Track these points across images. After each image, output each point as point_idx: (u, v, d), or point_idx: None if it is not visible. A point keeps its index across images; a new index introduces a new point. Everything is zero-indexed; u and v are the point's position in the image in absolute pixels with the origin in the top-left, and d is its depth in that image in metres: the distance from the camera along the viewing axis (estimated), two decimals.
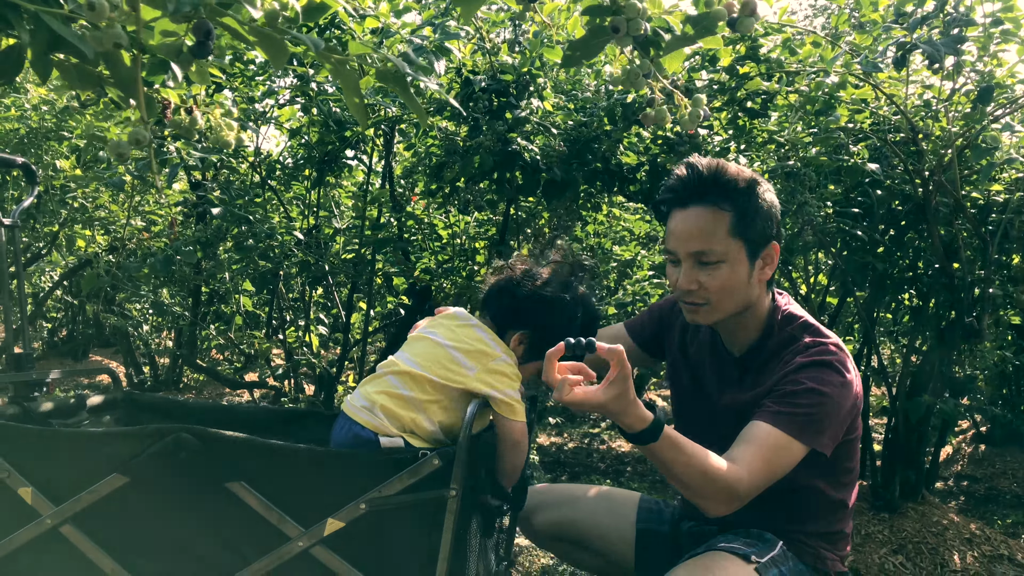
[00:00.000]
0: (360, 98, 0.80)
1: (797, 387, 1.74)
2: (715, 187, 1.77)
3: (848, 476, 1.91)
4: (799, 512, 1.88)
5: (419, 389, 1.72)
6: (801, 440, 1.71)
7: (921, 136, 2.83)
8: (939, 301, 3.34)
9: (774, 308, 1.90)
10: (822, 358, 1.77)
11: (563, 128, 2.92)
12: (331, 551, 1.65)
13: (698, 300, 1.82)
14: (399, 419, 1.72)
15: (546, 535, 2.25)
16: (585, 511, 2.20)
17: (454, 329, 1.78)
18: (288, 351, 3.59)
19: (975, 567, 2.94)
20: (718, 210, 1.77)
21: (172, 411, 2.36)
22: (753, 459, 1.69)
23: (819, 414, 1.72)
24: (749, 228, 1.78)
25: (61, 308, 8.31)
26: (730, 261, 1.78)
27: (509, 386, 1.72)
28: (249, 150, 3.60)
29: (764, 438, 1.71)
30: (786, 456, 1.71)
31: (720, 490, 1.66)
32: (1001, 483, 4.92)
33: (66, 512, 1.75)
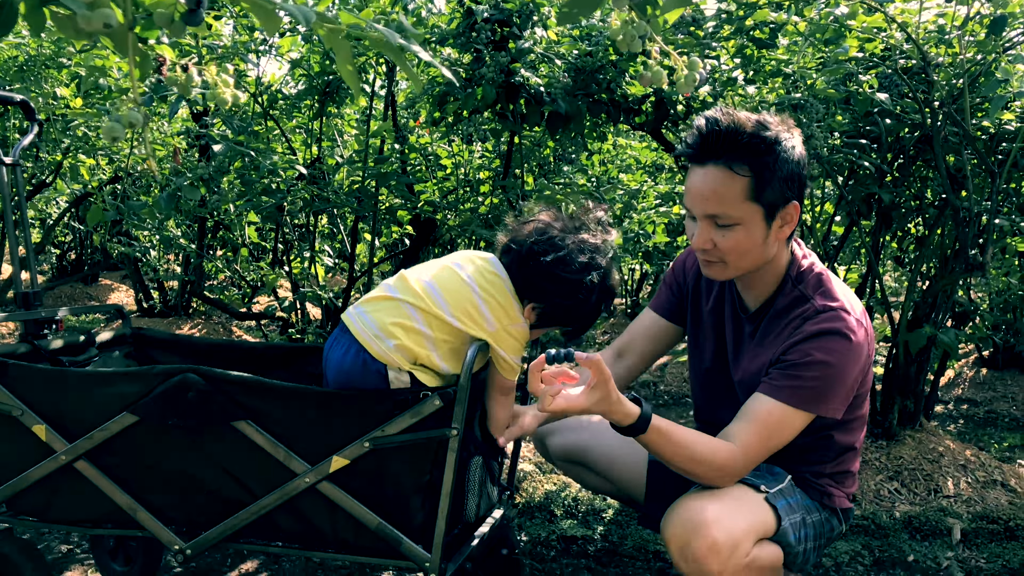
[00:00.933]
0: (353, 66, 0.79)
1: (804, 359, 1.73)
2: (733, 147, 1.69)
3: (857, 422, 1.93)
4: (807, 455, 1.92)
5: (437, 327, 1.73)
6: (806, 410, 1.74)
7: (933, 65, 2.78)
8: (944, 231, 3.33)
9: (791, 262, 1.87)
10: (831, 326, 1.74)
11: (568, 58, 2.87)
12: (337, 487, 1.70)
13: (712, 259, 1.81)
14: (414, 354, 1.73)
15: (559, 457, 2.30)
16: (599, 437, 2.24)
17: (485, 275, 1.77)
18: (294, 282, 3.62)
19: (968, 493, 3.01)
20: (734, 174, 1.69)
21: (179, 347, 2.39)
22: (749, 437, 1.73)
23: (825, 385, 1.73)
24: (767, 192, 1.71)
25: (69, 233, 8.33)
26: (745, 224, 1.73)
27: (517, 351, 1.78)
28: (250, 79, 3.56)
29: (765, 415, 1.74)
30: (787, 428, 1.75)
31: (713, 471, 1.73)
32: (1000, 406, 4.98)
33: (80, 448, 1.81)
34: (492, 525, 1.98)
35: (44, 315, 2.18)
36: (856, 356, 1.75)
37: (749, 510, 1.73)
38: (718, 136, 1.70)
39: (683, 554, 1.66)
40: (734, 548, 1.65)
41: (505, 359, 1.75)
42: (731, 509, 1.69)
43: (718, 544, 1.63)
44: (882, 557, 2.62)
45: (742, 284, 1.93)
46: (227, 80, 1.06)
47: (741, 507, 1.72)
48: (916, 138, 3.02)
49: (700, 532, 1.64)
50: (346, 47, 0.78)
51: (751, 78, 3.08)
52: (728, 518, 1.66)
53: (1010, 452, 3.84)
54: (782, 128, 1.74)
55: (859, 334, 1.76)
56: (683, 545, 1.66)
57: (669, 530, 1.70)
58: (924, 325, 3.04)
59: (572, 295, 1.76)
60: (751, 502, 1.76)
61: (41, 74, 4.21)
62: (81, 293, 8.69)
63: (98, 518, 1.87)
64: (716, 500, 1.71)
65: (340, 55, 0.80)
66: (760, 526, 1.73)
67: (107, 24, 0.68)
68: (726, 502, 1.71)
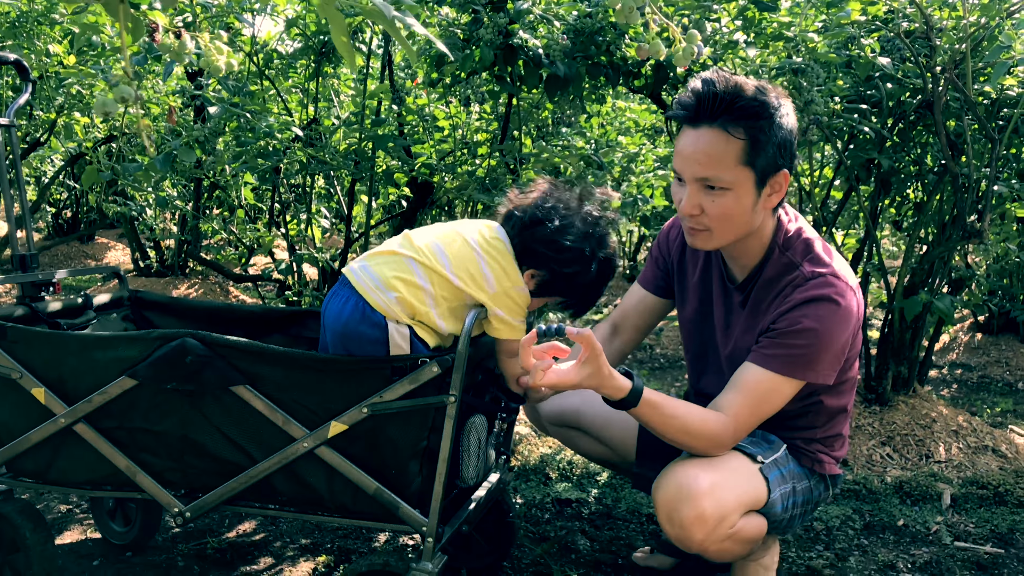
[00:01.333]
0: (348, 36, 0.78)
1: (793, 326, 1.74)
2: (730, 110, 1.67)
3: (847, 384, 1.95)
4: (798, 421, 1.93)
5: (438, 284, 1.74)
6: (796, 377, 1.75)
7: (935, 29, 2.75)
8: (943, 197, 3.32)
9: (777, 228, 1.85)
10: (820, 292, 1.74)
11: (567, 19, 2.83)
12: (335, 451, 1.72)
13: (698, 226, 1.78)
14: (413, 309, 1.74)
15: (552, 421, 2.32)
16: (591, 401, 2.25)
17: (488, 239, 1.79)
18: (290, 243, 3.61)
19: (959, 458, 3.04)
20: (730, 136, 1.67)
21: (177, 310, 2.40)
22: (740, 407, 1.74)
23: (814, 352, 1.73)
24: (760, 157, 1.69)
25: (64, 191, 8.28)
26: (736, 189, 1.71)
27: (517, 313, 1.79)
28: (245, 37, 3.52)
29: (754, 384, 1.75)
30: (776, 396, 1.76)
31: (701, 441, 1.74)
32: (994, 371, 5.02)
33: (79, 412, 1.82)
34: (489, 489, 2.00)
35: (41, 278, 2.18)
36: (845, 321, 1.75)
37: (742, 482, 1.75)
38: (715, 98, 1.67)
39: (670, 518, 1.69)
40: (721, 520, 1.67)
41: (505, 319, 1.77)
42: (725, 480, 1.71)
43: (706, 515, 1.65)
44: (873, 521, 2.65)
45: (728, 254, 1.92)
46: (220, 47, 1.05)
47: (735, 478, 1.74)
48: (917, 103, 3.00)
49: (691, 500, 1.66)
50: (340, 18, 0.77)
51: (752, 41, 3.04)
52: (720, 490, 1.68)
53: (1002, 417, 3.87)
54: (778, 95, 1.73)
55: (848, 298, 1.76)
56: (671, 510, 1.68)
57: (661, 492, 1.72)
58: (920, 292, 3.04)
59: (572, 263, 1.77)
60: (745, 473, 1.78)
61: (34, 31, 4.15)
62: (78, 251, 8.67)
63: (98, 480, 1.89)
64: (712, 469, 1.72)
65: (334, 26, 0.79)
66: (750, 499, 1.75)
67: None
68: (721, 472, 1.72)
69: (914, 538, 2.55)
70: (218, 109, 2.53)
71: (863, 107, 2.97)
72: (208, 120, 2.60)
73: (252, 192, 3.87)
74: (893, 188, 3.38)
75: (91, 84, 3.89)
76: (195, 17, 2.80)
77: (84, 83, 3.78)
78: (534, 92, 3.27)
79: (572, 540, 2.46)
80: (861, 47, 2.83)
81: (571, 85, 2.81)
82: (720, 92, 1.67)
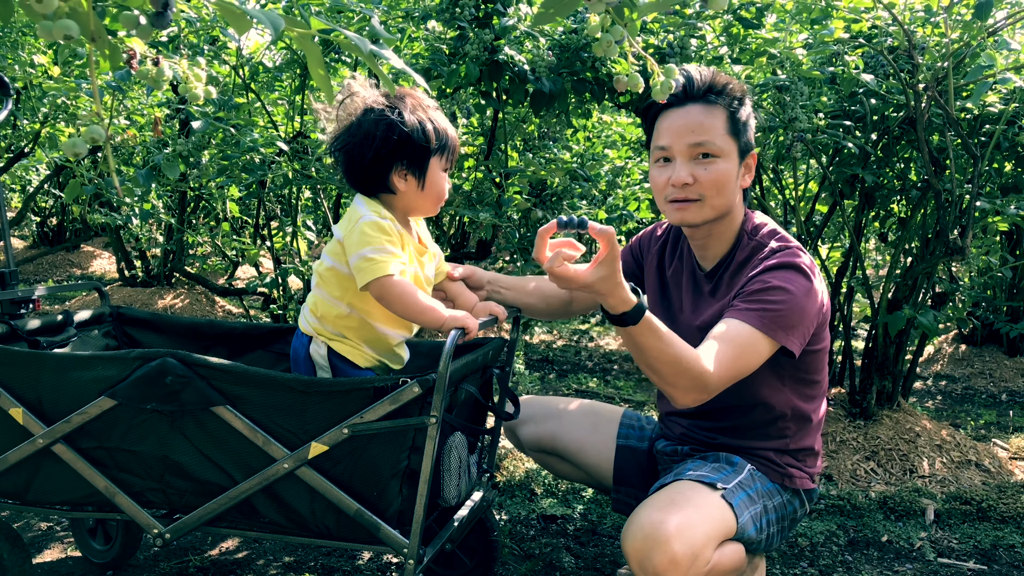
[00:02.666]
0: (325, 70, 0.78)
1: (765, 285, 1.79)
2: (712, 88, 1.85)
3: (815, 388, 1.98)
4: (767, 429, 1.94)
5: (325, 284, 1.83)
6: (770, 335, 1.76)
7: (918, 47, 2.77)
8: (927, 213, 3.34)
9: (746, 219, 1.97)
10: (789, 260, 1.83)
11: (552, 35, 2.84)
12: (316, 472, 1.71)
13: (691, 195, 1.86)
14: (326, 320, 1.83)
15: (530, 447, 2.33)
16: (569, 426, 2.27)
17: (345, 214, 1.83)
18: (275, 256, 3.60)
19: (943, 473, 3.05)
20: (716, 107, 1.85)
21: (159, 326, 2.38)
22: (722, 354, 1.74)
23: (787, 311, 1.77)
24: (740, 131, 1.87)
25: (51, 199, 8.23)
26: (725, 157, 1.85)
27: (364, 244, 1.72)
28: (231, 49, 3.51)
29: (734, 335, 1.76)
30: (754, 352, 1.76)
31: (690, 379, 1.71)
32: (978, 383, 5.05)
33: (57, 432, 1.80)
34: (472, 507, 2.00)
35: (21, 295, 2.16)
36: (812, 293, 1.81)
37: (708, 516, 1.72)
38: (701, 81, 1.86)
39: (643, 567, 1.66)
40: (694, 559, 1.65)
41: (356, 263, 1.71)
42: (690, 518, 1.68)
43: (677, 557, 1.63)
44: (857, 537, 2.65)
45: (699, 245, 2.00)
46: (198, 74, 1.04)
47: (700, 514, 1.71)
48: (901, 118, 3.02)
49: (660, 546, 1.63)
50: (317, 51, 0.77)
51: (737, 57, 3.06)
52: (687, 529, 1.65)
53: (985, 430, 3.89)
54: (744, 88, 1.92)
55: (815, 276, 1.83)
56: (643, 559, 1.65)
57: (629, 543, 1.68)
58: (903, 307, 3.06)
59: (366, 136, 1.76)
60: (709, 505, 1.75)
61: (19, 41, 4.14)
62: (63, 260, 8.62)
63: (77, 501, 1.87)
64: (675, 509, 1.69)
65: (311, 59, 0.79)
66: (719, 531, 1.73)
67: (68, 36, 0.67)
68: (685, 510, 1.70)
69: (898, 554, 2.56)
70: (202, 124, 2.52)
71: (847, 123, 2.99)
72: (192, 134, 2.59)
73: (237, 204, 3.85)
74: (877, 203, 3.40)
75: (76, 95, 3.87)
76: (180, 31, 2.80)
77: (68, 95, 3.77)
78: (520, 107, 3.28)
79: (557, 557, 2.45)
80: (845, 63, 2.85)
81: (556, 100, 2.81)
82: (701, 75, 1.87)
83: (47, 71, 4.09)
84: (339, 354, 1.84)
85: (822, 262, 3.59)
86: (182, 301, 5.90)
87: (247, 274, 7.61)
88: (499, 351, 2.05)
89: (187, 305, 5.81)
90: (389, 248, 1.72)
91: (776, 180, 3.65)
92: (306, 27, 0.76)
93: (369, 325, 1.83)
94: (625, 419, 2.28)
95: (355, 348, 1.84)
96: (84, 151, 0.75)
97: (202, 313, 5.66)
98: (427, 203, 1.84)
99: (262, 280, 3.23)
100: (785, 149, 2.80)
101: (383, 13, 2.87)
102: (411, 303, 1.72)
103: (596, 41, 0.92)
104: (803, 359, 1.89)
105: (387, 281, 1.70)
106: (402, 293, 1.71)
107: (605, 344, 5.85)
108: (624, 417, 2.29)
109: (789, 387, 1.93)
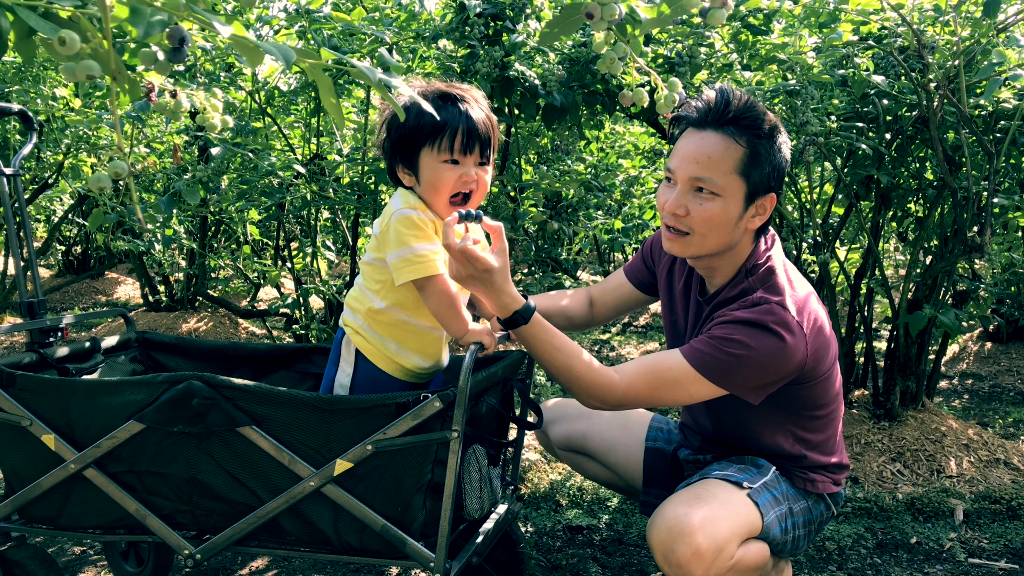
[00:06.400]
0: (336, 99, 0.80)
1: (726, 335, 1.74)
2: (739, 120, 1.74)
3: (823, 411, 1.92)
4: (780, 453, 1.94)
5: (364, 277, 1.85)
6: (710, 380, 1.74)
7: (928, 47, 2.77)
8: (944, 211, 3.33)
9: (751, 254, 1.86)
10: (760, 319, 1.73)
11: (562, 49, 2.87)
12: (342, 489, 1.73)
13: (681, 228, 1.80)
14: (359, 313, 1.85)
15: (560, 446, 2.35)
16: (599, 426, 2.29)
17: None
18: (296, 277, 3.64)
19: (971, 472, 3.03)
20: (733, 142, 1.73)
21: (185, 350, 2.42)
22: (639, 379, 1.76)
23: (738, 367, 1.72)
24: (756, 171, 1.74)
25: (74, 227, 8.36)
26: (725, 197, 1.74)
27: (400, 244, 1.72)
28: (247, 75, 3.56)
29: (665, 369, 1.76)
30: (680, 388, 1.76)
31: (586, 388, 1.77)
32: (1005, 380, 4.99)
33: (88, 457, 1.84)
34: (497, 520, 2.01)
35: (49, 324, 2.20)
36: (782, 355, 1.72)
37: (733, 512, 1.74)
38: (727, 106, 1.74)
39: (667, 559, 1.68)
40: (718, 553, 1.66)
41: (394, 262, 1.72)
42: (715, 513, 1.70)
43: (701, 550, 1.64)
44: (885, 540, 2.64)
45: (705, 271, 1.94)
46: (216, 105, 1.07)
47: (725, 509, 1.73)
48: (914, 118, 3.02)
49: (684, 538, 1.65)
50: (328, 81, 0.80)
51: (747, 64, 3.07)
52: (712, 523, 1.67)
53: (1014, 427, 3.85)
54: (780, 124, 1.79)
55: (793, 334, 1.73)
56: (667, 551, 1.67)
57: (654, 535, 1.70)
58: (924, 306, 3.04)
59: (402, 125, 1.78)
60: (735, 503, 1.77)
61: (40, 75, 4.22)
62: (88, 288, 8.74)
63: (109, 524, 1.90)
64: (701, 504, 1.71)
65: (323, 88, 0.82)
66: (744, 527, 1.74)
67: (90, 76, 0.70)
68: (711, 505, 1.72)
69: (928, 556, 2.54)
70: (220, 150, 2.57)
71: (860, 124, 2.99)
72: (211, 160, 2.63)
73: (257, 227, 3.91)
74: (894, 203, 3.40)
75: (96, 126, 3.95)
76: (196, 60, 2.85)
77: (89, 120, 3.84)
78: (532, 121, 3.31)
79: (584, 568, 2.46)
80: (855, 66, 2.86)
81: (568, 113, 2.84)
82: (732, 102, 1.74)
83: (68, 103, 4.18)
84: (364, 356, 1.85)
85: (840, 264, 3.58)
86: (206, 324, 5.96)
87: (269, 295, 7.67)
88: (519, 363, 2.07)
89: (211, 328, 5.87)
90: (422, 247, 1.71)
91: (791, 184, 3.65)
92: (317, 58, 0.79)
93: (401, 324, 1.82)
94: (654, 422, 2.29)
95: (379, 350, 1.84)
96: (109, 185, 0.78)
97: (226, 335, 5.72)
98: (432, 198, 1.78)
99: (284, 301, 3.27)
100: (798, 153, 2.81)
101: (394, 34, 2.91)
102: (448, 303, 1.74)
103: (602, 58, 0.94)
104: (799, 393, 1.85)
105: (437, 279, 1.72)
106: (443, 290, 1.73)
107: (627, 353, 5.85)
108: (653, 420, 2.30)
109: (791, 413, 1.90)
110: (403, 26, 3.13)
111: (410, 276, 1.70)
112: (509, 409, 2.08)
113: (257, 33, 3.34)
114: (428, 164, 1.76)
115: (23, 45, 1.05)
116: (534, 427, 2.04)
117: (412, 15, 3.11)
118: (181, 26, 0.80)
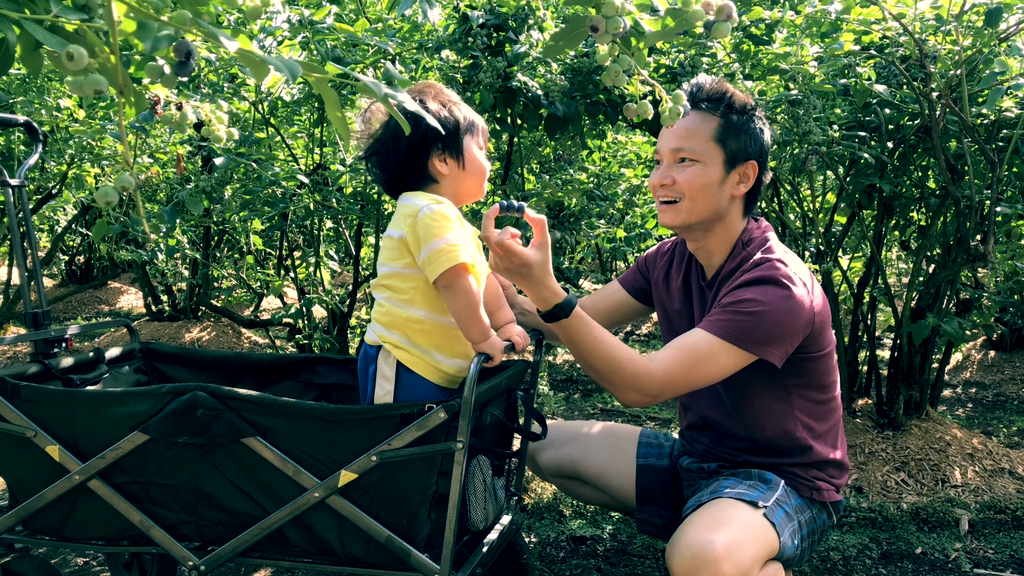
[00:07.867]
0: (342, 112, 0.81)
1: (738, 298, 1.81)
2: (711, 97, 1.91)
3: (826, 393, 1.98)
4: (786, 443, 1.95)
5: (390, 290, 1.79)
6: (738, 346, 1.78)
7: (930, 56, 2.77)
8: (947, 220, 3.33)
9: (745, 230, 1.98)
10: (764, 273, 1.83)
11: (564, 59, 2.88)
12: (346, 500, 1.73)
13: (671, 196, 1.93)
14: (394, 327, 1.79)
15: (551, 472, 2.34)
16: (588, 450, 2.28)
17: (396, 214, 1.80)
18: (299, 287, 3.64)
19: (975, 482, 3.02)
20: (708, 115, 1.90)
21: (188, 360, 2.42)
22: (672, 361, 1.77)
23: (757, 324, 1.77)
24: (731, 138, 1.89)
25: (77, 237, 8.38)
26: (704, 162, 1.89)
27: (431, 236, 1.69)
28: (250, 86, 3.57)
29: (692, 345, 1.79)
30: (713, 362, 1.79)
31: (627, 379, 1.77)
32: (1009, 389, 4.99)
33: (92, 468, 1.83)
34: (501, 531, 2.01)
35: (53, 335, 2.21)
36: (792, 306, 1.79)
37: (754, 536, 1.72)
38: (701, 90, 1.93)
39: None
40: None
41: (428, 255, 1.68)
42: (738, 539, 1.67)
43: None
44: (890, 550, 2.63)
45: (702, 254, 2.02)
46: (221, 117, 1.08)
47: (747, 533, 1.70)
48: (916, 127, 3.02)
49: (709, 567, 1.61)
50: (334, 95, 0.80)
51: (748, 73, 3.08)
52: (736, 550, 1.64)
53: (1019, 436, 3.84)
54: (759, 112, 1.95)
55: (797, 287, 1.81)
56: None
57: (676, 561, 1.66)
58: (927, 315, 3.04)
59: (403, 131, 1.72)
60: (755, 525, 1.75)
61: (44, 86, 4.24)
62: (92, 298, 8.75)
63: (113, 535, 1.90)
64: (722, 530, 1.68)
65: (329, 102, 0.82)
66: (765, 551, 1.73)
67: (98, 91, 0.70)
68: (733, 530, 1.69)
69: (933, 566, 2.53)
70: (223, 160, 2.57)
71: (862, 133, 2.99)
72: (214, 170, 2.64)
73: (260, 237, 3.91)
74: (896, 212, 3.40)
75: (100, 137, 3.96)
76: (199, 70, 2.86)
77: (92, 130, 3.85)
78: (535, 131, 3.31)
79: None
80: (857, 75, 2.86)
81: (571, 123, 2.84)
82: (705, 84, 1.94)
83: (72, 114, 4.19)
84: (407, 367, 1.79)
85: (843, 273, 3.58)
86: (209, 334, 5.97)
87: (272, 305, 7.69)
88: (523, 374, 2.07)
89: (214, 338, 5.88)
90: (454, 238, 1.68)
91: (794, 193, 3.65)
92: (322, 72, 0.79)
93: (439, 329, 1.79)
94: (643, 438, 2.29)
95: (422, 359, 1.80)
96: (116, 199, 0.78)
97: (229, 345, 5.72)
98: (472, 183, 1.83)
99: (287, 311, 3.27)
100: (801, 162, 2.81)
101: (397, 45, 2.92)
102: (473, 304, 1.70)
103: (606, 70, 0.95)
104: (806, 366, 1.91)
105: (460, 269, 1.68)
106: (470, 290, 1.70)
107: None
108: (641, 436, 2.29)
109: (797, 396, 1.93)
110: (406, 37, 3.14)
111: (447, 264, 1.66)
112: (513, 420, 2.08)
113: (261, 45, 3.36)
114: (471, 149, 1.82)
115: (29, 58, 1.06)
116: (538, 438, 2.04)
117: (415, 26, 3.12)
118: (187, 40, 0.80)
